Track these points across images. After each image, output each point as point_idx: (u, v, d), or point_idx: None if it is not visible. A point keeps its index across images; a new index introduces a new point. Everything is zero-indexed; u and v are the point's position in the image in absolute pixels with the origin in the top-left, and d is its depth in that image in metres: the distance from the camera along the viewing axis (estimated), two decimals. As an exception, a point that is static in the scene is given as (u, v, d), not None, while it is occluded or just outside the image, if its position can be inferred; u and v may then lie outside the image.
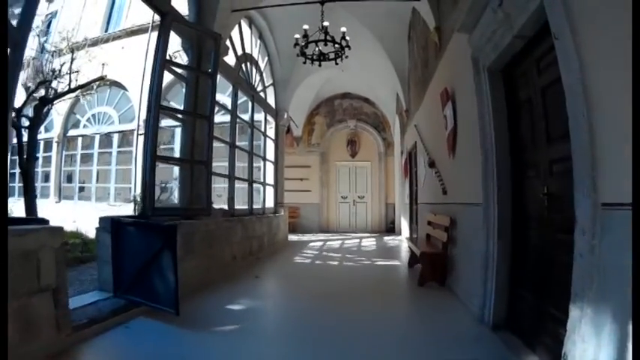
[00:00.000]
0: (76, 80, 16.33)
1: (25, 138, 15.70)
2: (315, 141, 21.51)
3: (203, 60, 7.89)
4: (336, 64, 10.36)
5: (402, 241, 15.54)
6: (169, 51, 7.00)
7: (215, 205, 8.37)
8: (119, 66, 18.51)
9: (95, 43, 18.75)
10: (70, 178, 22.68)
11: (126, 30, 19.74)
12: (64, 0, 24.36)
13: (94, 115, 21.20)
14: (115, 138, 20.28)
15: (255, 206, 12.26)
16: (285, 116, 15.25)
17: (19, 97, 23.88)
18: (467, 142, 5.83)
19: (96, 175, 21.03)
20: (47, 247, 3.98)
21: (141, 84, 17.27)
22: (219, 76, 8.84)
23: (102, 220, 5.94)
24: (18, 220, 4.37)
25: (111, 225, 5.59)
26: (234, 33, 10.68)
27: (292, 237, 16.91)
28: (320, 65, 10.55)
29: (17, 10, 4.44)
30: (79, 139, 21.65)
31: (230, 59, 10.25)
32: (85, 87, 16.16)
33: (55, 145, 22.85)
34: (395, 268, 9.82)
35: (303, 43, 9.58)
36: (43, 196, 22.98)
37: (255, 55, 12.67)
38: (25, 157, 15.85)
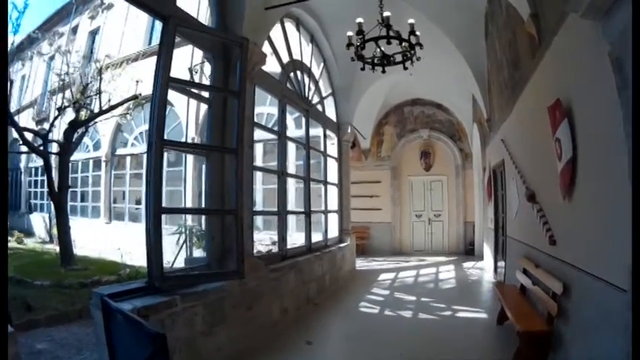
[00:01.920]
0: (109, 100, 15.68)
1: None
2: (385, 154, 19.70)
3: (232, 74, 6.49)
4: (405, 68, 8.48)
5: (484, 271, 13.66)
6: (189, 64, 5.74)
7: (262, 246, 6.96)
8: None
9: (137, 58, 18.44)
10: (120, 198, 22.72)
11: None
12: (105, 17, 25.00)
13: (141, 134, 20.87)
14: (164, 157, 19.14)
15: (315, 239, 10.81)
16: (349, 130, 13.65)
17: (22, 122, 24.23)
18: (597, 183, 3.93)
19: (145, 195, 20.04)
20: None
21: (187, 99, 16.00)
22: (259, 91, 7.46)
23: (94, 294, 4.91)
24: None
25: (101, 304, 4.31)
26: (278, 38, 9.24)
27: (361, 262, 15.31)
28: (384, 71, 8.72)
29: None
30: (127, 158, 21.48)
31: (273, 68, 8.76)
32: (117, 107, 15.35)
33: (103, 165, 22.94)
34: (481, 326, 7.80)
35: (358, 43, 7.83)
36: (94, 216, 23.62)
37: (306, 61, 11.12)
38: (55, 186, 15.40)
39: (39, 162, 19.54)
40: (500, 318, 7.50)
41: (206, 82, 11.63)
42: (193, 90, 6.63)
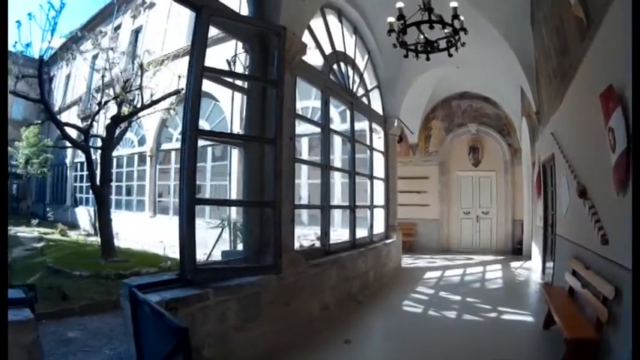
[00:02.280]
0: (151, 96, 15.89)
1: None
2: (432, 149, 19.33)
3: (270, 64, 6.36)
4: (450, 55, 8.15)
5: (531, 271, 13.20)
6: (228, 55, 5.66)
7: (307, 241, 6.83)
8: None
9: (179, 54, 18.64)
10: (165, 193, 23.33)
11: (212, 38, 18.75)
12: (147, 15, 26.13)
13: None
14: (209, 151, 20.14)
15: (359, 235, 10.59)
16: (396, 123, 13.43)
17: (69, 118, 24.86)
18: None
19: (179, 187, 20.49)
20: (14, 347, 3.23)
21: (231, 94, 16.27)
22: (301, 82, 7.35)
23: (123, 285, 4.82)
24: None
25: (129, 295, 4.45)
26: (319, 29, 9.14)
27: (407, 260, 15.11)
28: (428, 59, 8.43)
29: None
30: (172, 152, 21.78)
31: (315, 60, 8.62)
32: (159, 102, 15.52)
33: (148, 159, 23.67)
34: (526, 330, 7.45)
35: (400, 28, 7.61)
36: (139, 210, 24.50)
37: (350, 53, 10.93)
38: (97, 180, 15.69)
39: (84, 157, 19.96)
40: (547, 322, 7.13)
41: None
42: (230, 80, 6.53)
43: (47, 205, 36.89)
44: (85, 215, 28.04)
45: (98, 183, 15.83)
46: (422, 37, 7.92)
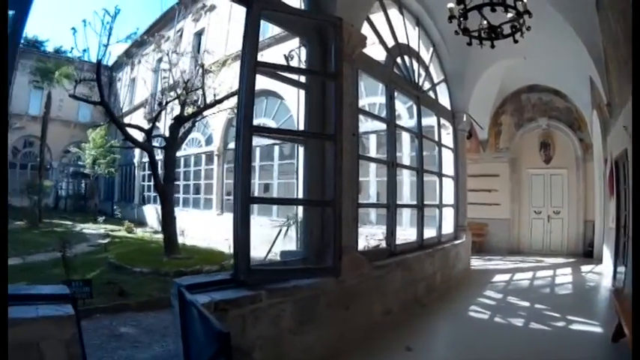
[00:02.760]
0: (215, 96, 16.15)
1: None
2: (503, 145, 18.66)
3: (329, 58, 6.17)
4: (515, 41, 7.70)
5: (602, 276, 12.49)
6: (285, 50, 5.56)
7: (374, 241, 6.61)
8: None
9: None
10: (232, 191, 23.55)
11: (274, 37, 19.57)
12: (209, 17, 27.15)
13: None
14: (276, 150, 20.38)
15: (427, 235, 10.29)
16: (465, 119, 13.06)
17: (136, 120, 25.67)
18: None
19: (257, 188, 21.27)
20: (52, 340, 3.38)
21: (297, 91, 16.13)
22: (367, 78, 7.16)
23: (173, 284, 4.83)
24: (24, 297, 3.77)
25: (178, 295, 4.46)
26: (381, 22, 8.89)
27: (476, 261, 14.66)
28: (493, 46, 7.97)
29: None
30: None
31: (377, 53, 8.44)
32: (222, 101, 15.77)
33: (215, 158, 24.64)
34: (593, 342, 6.93)
35: (460, 13, 7.32)
36: (206, 208, 25.40)
37: (414, 46, 10.65)
38: (161, 179, 15.99)
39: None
40: (617, 334, 6.49)
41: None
42: (286, 74, 6.39)
43: (115, 203, 38.23)
44: (152, 213, 29.03)
45: (162, 182, 16.13)
46: (484, 22, 7.57)
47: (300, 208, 13.95)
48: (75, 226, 27.49)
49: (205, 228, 22.19)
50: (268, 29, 20.50)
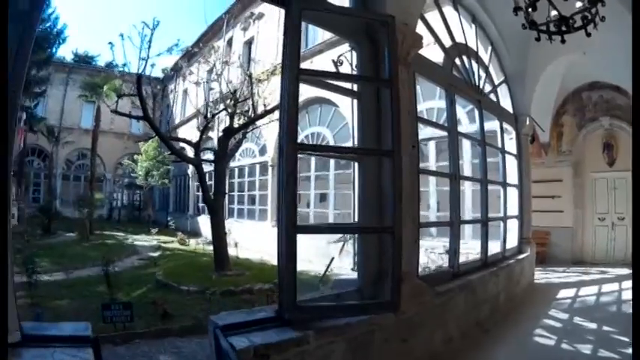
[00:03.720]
0: (265, 106, 15.82)
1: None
2: (565, 148, 17.54)
3: (382, 61, 5.41)
4: (588, 34, 6.70)
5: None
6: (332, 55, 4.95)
7: (434, 254, 5.89)
8: None
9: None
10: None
11: (325, 42, 19.17)
12: (257, 26, 27.21)
13: (307, 137, 21.30)
14: (332, 159, 19.62)
15: (491, 251, 9.42)
16: (528, 122, 12.13)
17: (189, 131, 25.87)
18: None
19: (313, 198, 21.06)
20: None
21: (351, 99, 15.71)
22: (427, 84, 6.45)
23: (210, 322, 4.38)
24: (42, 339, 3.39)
25: (213, 336, 4.10)
26: (435, 19, 8.13)
27: (539, 274, 13.56)
28: (563, 40, 7.01)
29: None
30: None
31: (433, 54, 7.71)
32: (273, 111, 15.38)
33: (270, 169, 24.48)
34: None
35: (527, 3, 6.46)
36: (261, 219, 25.40)
37: (472, 45, 9.84)
38: (210, 192, 15.68)
39: (206, 167, 20.56)
40: None
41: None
42: (334, 82, 5.70)
43: (170, 214, 38.76)
44: (206, 223, 28.60)
45: (212, 195, 15.83)
46: (554, 13, 6.72)
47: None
48: (127, 237, 27.71)
49: (260, 239, 21.86)
50: (318, 34, 20.10)
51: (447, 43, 8.56)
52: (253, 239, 22.50)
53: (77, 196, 33.05)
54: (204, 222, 29.64)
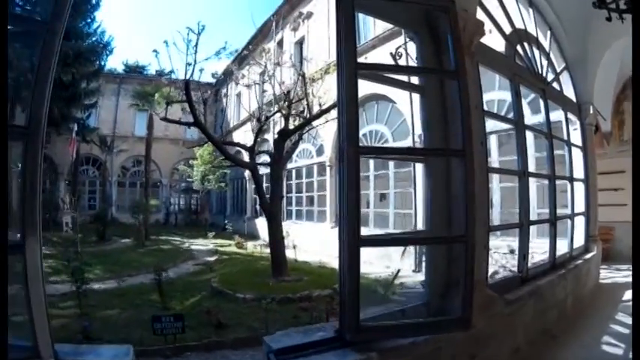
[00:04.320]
0: (320, 105, 15.42)
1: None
2: (627, 136, 16.40)
3: (444, 51, 4.87)
4: None
5: None
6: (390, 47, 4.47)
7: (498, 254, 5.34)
8: None
9: None
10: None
11: (378, 37, 18.84)
12: (307, 25, 27.13)
13: (364, 135, 20.81)
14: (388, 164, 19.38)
15: (558, 251, 8.69)
16: (591, 110, 11.30)
17: (244, 135, 25.97)
18: None
19: (373, 198, 20.47)
20: None
21: (409, 94, 15.28)
22: (484, 70, 5.93)
23: (264, 344, 3.98)
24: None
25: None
26: (493, 5, 7.48)
27: (604, 273, 12.68)
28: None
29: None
30: None
31: (495, 42, 7.13)
32: (328, 111, 14.94)
33: (328, 169, 24.16)
34: None
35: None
36: (319, 220, 24.99)
37: (531, 31, 9.15)
38: (267, 196, 15.49)
39: (263, 169, 20.33)
40: None
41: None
42: (394, 76, 5.18)
43: (227, 217, 38.96)
44: (264, 226, 28.53)
45: (268, 199, 15.57)
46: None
47: (420, 218, 12.94)
48: (183, 242, 27.80)
49: (319, 241, 21.64)
50: (370, 30, 19.64)
51: (507, 29, 7.97)
52: (312, 241, 22.26)
53: (132, 203, 33.53)
54: (261, 224, 29.32)
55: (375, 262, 15.04)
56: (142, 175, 37.70)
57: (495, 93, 14.38)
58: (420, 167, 15.58)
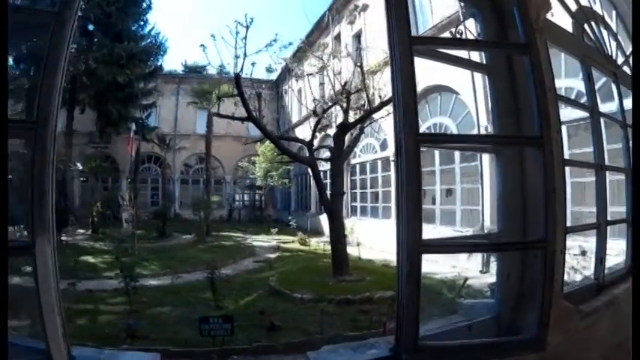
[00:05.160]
0: (380, 97, 14.97)
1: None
2: None
3: (509, 27, 4.18)
4: None
5: None
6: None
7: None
8: (442, 67, 16.82)
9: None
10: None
11: (436, 26, 18.21)
12: (364, 17, 26.79)
13: (428, 128, 20.05)
14: (457, 152, 18.24)
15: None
16: (662, 96, 10.29)
17: (307, 131, 25.78)
18: None
19: (439, 193, 19.92)
20: None
21: (471, 83, 15.38)
22: (552, 50, 5.23)
23: None
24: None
25: None
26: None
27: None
28: None
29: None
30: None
31: (562, 20, 6.42)
32: (389, 103, 14.43)
33: (392, 164, 23.19)
34: None
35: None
36: (385, 217, 24.33)
37: (597, 9, 8.28)
38: (328, 192, 15.15)
39: (326, 166, 20.02)
40: None
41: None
42: (454, 54, 4.53)
43: (291, 213, 38.62)
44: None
45: (329, 196, 15.14)
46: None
47: (488, 216, 12.22)
48: (245, 238, 27.86)
49: (383, 238, 20.54)
50: (428, 19, 19.10)
51: (573, 6, 7.22)
52: (377, 238, 21.61)
53: (193, 199, 33.90)
54: (326, 221, 29.41)
55: (440, 261, 14.45)
56: (204, 172, 38.39)
57: (562, 80, 13.49)
58: (487, 161, 14.83)
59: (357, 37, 27.77)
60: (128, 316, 10.32)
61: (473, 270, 13.62)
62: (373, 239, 21.25)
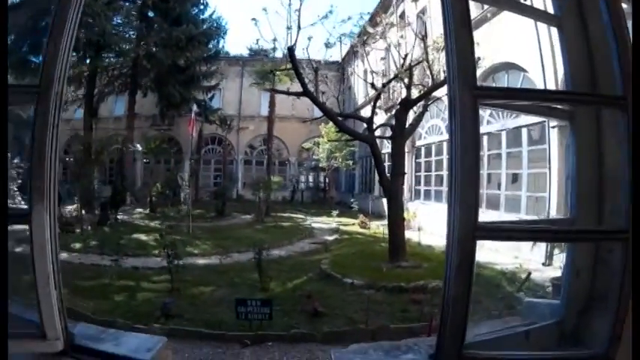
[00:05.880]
0: (444, 72, 14.40)
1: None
2: None
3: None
4: None
5: None
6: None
7: None
8: (509, 43, 16.28)
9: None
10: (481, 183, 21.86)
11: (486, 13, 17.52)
12: None
13: (494, 112, 19.01)
14: (524, 133, 17.42)
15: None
16: None
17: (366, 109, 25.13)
18: None
19: (505, 179, 18.92)
20: None
21: (540, 60, 14.49)
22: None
23: None
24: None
25: None
26: None
27: None
28: None
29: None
30: (484, 137, 19.52)
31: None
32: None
33: None
34: None
35: None
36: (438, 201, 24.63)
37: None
38: (386, 172, 14.71)
39: (389, 148, 19.52)
40: None
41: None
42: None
43: (355, 195, 38.33)
44: (390, 206, 28.26)
45: (389, 176, 14.55)
46: None
47: (554, 205, 11.40)
48: (305, 219, 27.85)
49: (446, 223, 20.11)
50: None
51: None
52: (439, 223, 20.08)
53: (252, 180, 34.13)
54: (387, 204, 29.15)
55: (501, 250, 13.88)
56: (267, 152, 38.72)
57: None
58: (555, 143, 13.87)
59: (422, 14, 27.21)
60: (168, 294, 10.25)
61: (535, 262, 12.88)
62: (435, 224, 20.38)
